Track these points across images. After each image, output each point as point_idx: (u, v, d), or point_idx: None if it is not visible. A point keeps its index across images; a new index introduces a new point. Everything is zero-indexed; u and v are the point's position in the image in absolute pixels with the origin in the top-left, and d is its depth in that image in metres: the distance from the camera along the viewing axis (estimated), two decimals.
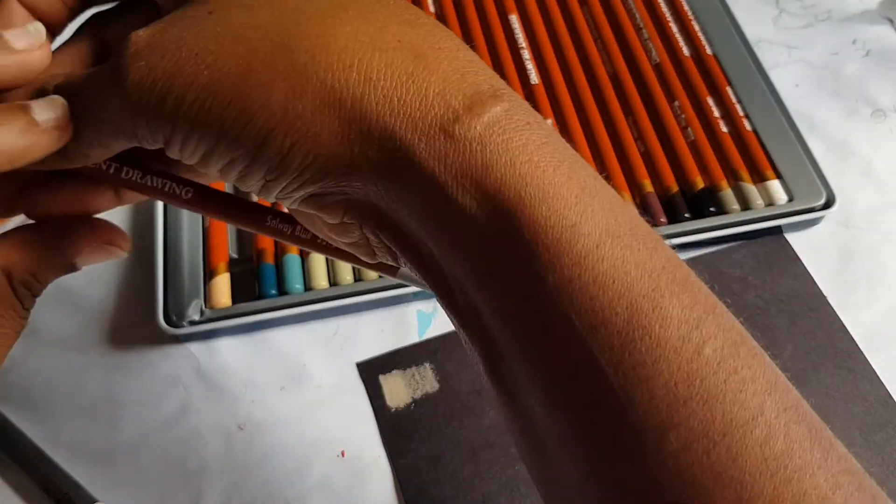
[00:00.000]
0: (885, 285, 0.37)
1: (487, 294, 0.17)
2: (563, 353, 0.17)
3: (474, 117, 0.17)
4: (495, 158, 0.17)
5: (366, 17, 0.18)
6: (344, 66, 0.17)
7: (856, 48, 0.45)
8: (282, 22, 0.18)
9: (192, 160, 0.19)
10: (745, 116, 0.40)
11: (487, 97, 0.17)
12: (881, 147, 0.41)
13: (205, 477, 0.32)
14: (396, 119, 0.17)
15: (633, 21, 0.44)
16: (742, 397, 0.16)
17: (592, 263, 0.16)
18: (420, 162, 0.17)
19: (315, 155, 0.18)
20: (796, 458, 0.15)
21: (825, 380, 0.34)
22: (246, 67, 0.17)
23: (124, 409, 0.34)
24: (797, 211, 0.37)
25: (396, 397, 0.34)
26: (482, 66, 0.19)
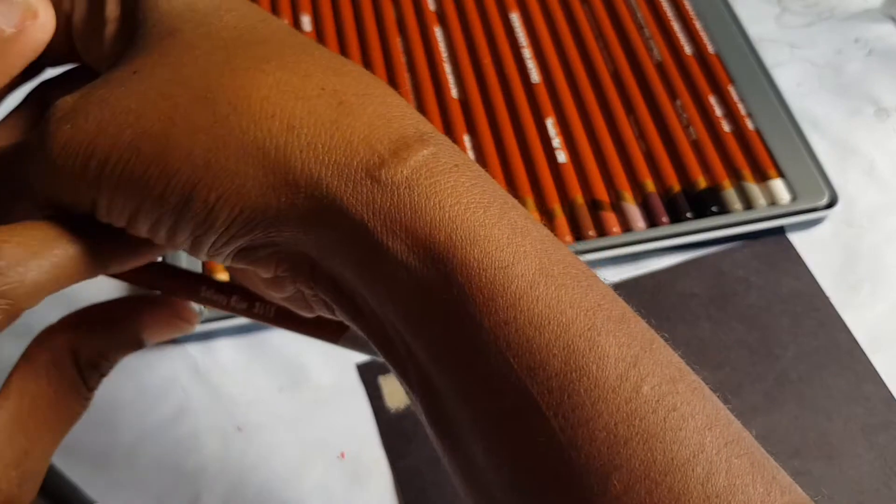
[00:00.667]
0: (889, 285, 0.37)
1: (424, 340, 0.17)
2: (502, 397, 0.16)
3: (400, 161, 0.17)
4: (423, 202, 0.17)
5: (289, 67, 0.18)
6: (266, 115, 0.17)
7: (859, 47, 0.45)
8: (205, 76, 0.18)
9: (120, 223, 0.18)
10: (748, 115, 0.40)
11: (413, 141, 0.17)
12: (884, 146, 0.41)
13: (203, 478, 0.32)
14: (321, 166, 0.17)
15: (635, 19, 0.44)
16: (682, 435, 0.15)
17: (527, 304, 0.16)
18: (348, 208, 0.17)
19: (241, 207, 0.17)
20: (739, 495, 0.15)
21: (827, 380, 0.34)
22: (168, 123, 0.17)
23: (122, 410, 0.34)
24: (800, 210, 0.37)
25: (396, 398, 0.34)
26: (409, 111, 0.18)
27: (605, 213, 0.37)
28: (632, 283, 0.37)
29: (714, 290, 0.36)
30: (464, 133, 0.40)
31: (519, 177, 0.38)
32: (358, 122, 0.17)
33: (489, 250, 0.16)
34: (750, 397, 0.34)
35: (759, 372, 0.34)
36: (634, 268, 0.37)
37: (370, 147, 0.17)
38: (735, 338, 0.35)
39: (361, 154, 0.17)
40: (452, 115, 0.40)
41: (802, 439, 0.32)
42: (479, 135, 0.39)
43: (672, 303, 0.36)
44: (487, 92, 0.41)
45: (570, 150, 0.39)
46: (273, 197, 0.17)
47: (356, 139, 0.17)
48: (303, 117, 0.17)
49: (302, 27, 0.44)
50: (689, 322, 0.36)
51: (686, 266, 0.37)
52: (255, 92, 0.17)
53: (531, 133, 0.39)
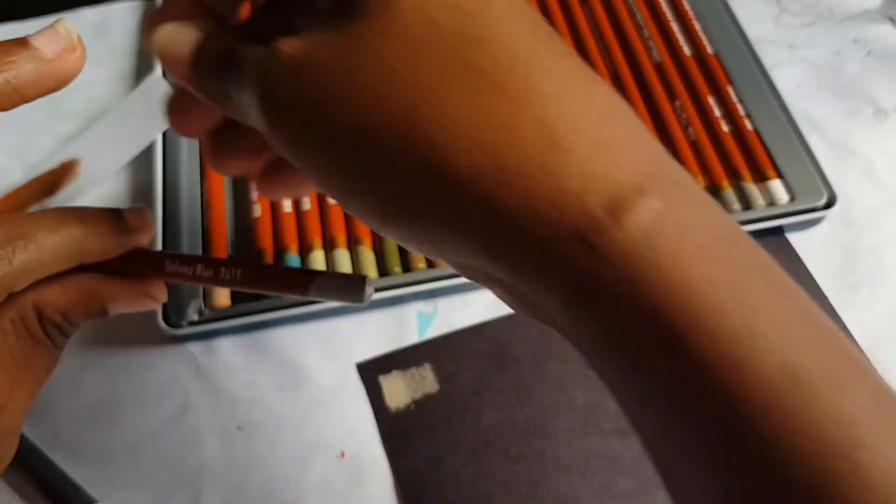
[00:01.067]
0: (887, 285, 0.37)
1: (664, 428, 0.15)
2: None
3: (617, 225, 0.15)
4: (648, 275, 0.14)
5: (502, 91, 0.16)
6: (469, 148, 0.16)
7: (857, 48, 0.45)
8: (406, 89, 0.16)
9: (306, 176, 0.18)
10: (747, 116, 0.40)
11: (632, 192, 0.15)
12: (883, 147, 0.41)
13: (204, 477, 0.32)
14: (531, 220, 0.15)
15: (634, 20, 0.44)
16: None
17: (813, 417, 0.14)
18: (560, 271, 0.15)
19: (446, 255, 0.17)
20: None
21: None
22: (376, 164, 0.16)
23: (123, 409, 0.34)
24: (798, 211, 0.37)
25: (396, 398, 0.34)
26: (632, 135, 0.16)
27: None
28: None
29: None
30: None
31: None
32: (568, 167, 0.15)
33: (755, 347, 0.14)
34: None
35: None
36: None
37: (583, 207, 0.15)
38: None
39: (573, 215, 0.15)
40: None
41: None
42: None
43: None
44: None
45: None
46: (480, 247, 0.16)
47: (567, 191, 0.15)
48: (509, 156, 0.15)
49: None
50: None
51: None
52: (458, 117, 0.16)
53: None
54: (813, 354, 0.15)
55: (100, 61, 0.46)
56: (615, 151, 0.16)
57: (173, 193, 0.38)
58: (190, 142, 0.40)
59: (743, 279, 0.15)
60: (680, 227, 0.15)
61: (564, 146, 0.15)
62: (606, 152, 0.16)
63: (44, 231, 0.20)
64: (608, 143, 0.16)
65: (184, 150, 0.39)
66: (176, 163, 0.39)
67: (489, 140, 0.16)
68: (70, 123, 0.43)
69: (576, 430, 0.33)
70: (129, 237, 0.22)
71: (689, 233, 0.15)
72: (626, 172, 0.15)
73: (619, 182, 0.15)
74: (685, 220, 0.15)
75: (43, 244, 0.20)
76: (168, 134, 0.40)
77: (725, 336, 0.14)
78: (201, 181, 0.39)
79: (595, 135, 0.16)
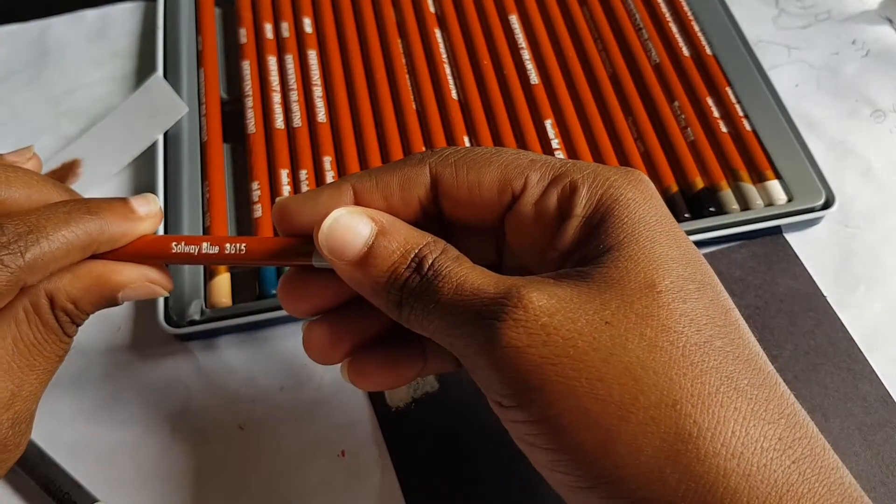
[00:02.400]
0: (885, 284, 0.37)
1: None
2: None
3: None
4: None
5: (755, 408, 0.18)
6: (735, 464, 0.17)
7: (855, 48, 0.45)
8: (675, 378, 0.17)
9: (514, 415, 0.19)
10: (745, 117, 0.40)
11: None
12: (881, 147, 0.41)
13: (205, 476, 0.32)
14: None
15: (633, 21, 0.45)
16: None
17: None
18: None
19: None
20: None
21: (824, 380, 0.34)
22: (627, 409, 0.17)
23: (125, 408, 0.34)
24: (797, 211, 0.37)
25: (396, 397, 0.34)
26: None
27: None
28: None
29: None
30: (463, 134, 0.40)
31: None
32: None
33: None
34: None
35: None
36: None
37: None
38: None
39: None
40: (452, 116, 0.40)
41: None
42: (478, 136, 0.40)
43: None
44: (487, 93, 0.41)
45: (568, 150, 0.39)
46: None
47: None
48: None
49: (303, 29, 0.44)
50: None
51: None
52: (726, 424, 0.17)
53: (530, 134, 0.40)
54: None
55: (101, 62, 0.46)
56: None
57: (174, 194, 0.38)
58: (191, 143, 0.40)
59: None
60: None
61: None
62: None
63: (53, 224, 0.20)
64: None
65: (185, 151, 0.39)
66: (177, 164, 0.39)
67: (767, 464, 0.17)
68: (72, 124, 0.43)
69: None
70: (137, 225, 0.22)
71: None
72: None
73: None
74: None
75: (54, 238, 0.20)
76: (169, 135, 0.40)
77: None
78: (202, 182, 0.39)
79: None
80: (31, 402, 0.22)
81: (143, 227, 0.22)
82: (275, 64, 0.43)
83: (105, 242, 0.21)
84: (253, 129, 0.40)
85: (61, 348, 0.22)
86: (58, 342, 0.22)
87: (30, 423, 0.22)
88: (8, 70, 0.46)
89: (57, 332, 0.22)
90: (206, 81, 0.42)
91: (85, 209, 0.21)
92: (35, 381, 0.21)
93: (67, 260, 0.21)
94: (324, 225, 0.20)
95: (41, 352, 0.21)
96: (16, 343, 0.21)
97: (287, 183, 0.38)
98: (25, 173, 0.22)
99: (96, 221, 0.21)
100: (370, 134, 0.40)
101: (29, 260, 0.20)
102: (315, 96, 0.41)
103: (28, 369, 0.21)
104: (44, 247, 0.20)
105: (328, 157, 0.39)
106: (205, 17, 0.45)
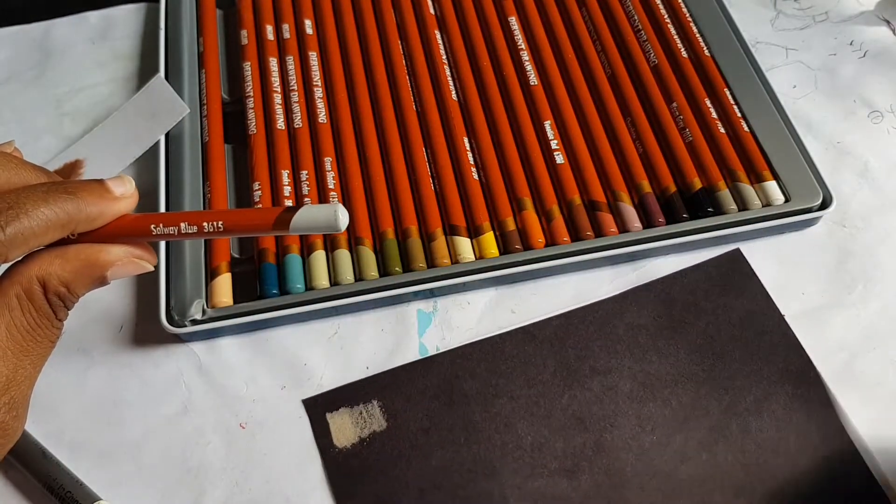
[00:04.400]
0: (882, 284, 0.37)
1: None
2: None
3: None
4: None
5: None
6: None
7: (853, 49, 0.45)
8: None
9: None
10: (743, 117, 0.40)
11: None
12: (878, 148, 0.42)
13: (206, 475, 0.33)
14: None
15: (632, 23, 0.45)
16: None
17: None
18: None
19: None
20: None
21: (777, 411, 0.33)
22: None
23: (127, 407, 0.34)
24: (794, 211, 0.37)
25: (343, 436, 0.33)
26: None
27: (602, 213, 0.37)
28: (582, 311, 0.36)
29: (662, 320, 0.36)
30: (463, 135, 0.40)
31: (518, 178, 0.38)
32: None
33: None
34: (695, 433, 0.33)
35: (706, 406, 0.34)
36: (631, 268, 0.38)
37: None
38: (683, 370, 0.34)
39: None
40: (452, 117, 0.41)
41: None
42: (478, 136, 0.40)
43: (619, 335, 0.35)
44: (486, 94, 0.42)
45: (567, 151, 0.39)
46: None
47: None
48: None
49: (304, 31, 0.45)
50: (636, 357, 0.35)
51: (634, 293, 0.36)
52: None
53: (529, 135, 0.40)
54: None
55: (103, 64, 0.46)
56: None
57: (176, 194, 0.38)
58: (192, 144, 0.40)
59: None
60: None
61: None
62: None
63: (33, 202, 0.21)
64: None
65: (187, 152, 0.40)
66: (179, 164, 0.39)
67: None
68: (74, 125, 0.44)
69: (522, 470, 0.32)
70: (113, 205, 0.23)
71: None
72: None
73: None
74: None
75: (34, 214, 0.21)
76: (171, 135, 0.40)
77: None
78: (203, 182, 0.39)
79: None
80: (27, 386, 0.22)
81: (120, 207, 0.23)
82: (276, 65, 0.43)
83: (83, 221, 0.22)
84: (254, 129, 0.40)
85: (54, 333, 0.23)
86: (50, 327, 0.22)
87: (25, 407, 0.23)
88: (11, 71, 0.46)
89: (49, 316, 0.22)
90: (208, 82, 0.42)
91: (62, 189, 0.22)
92: (29, 365, 0.22)
93: (47, 237, 0.21)
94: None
95: (34, 337, 0.22)
96: (9, 329, 0.21)
97: (288, 183, 0.38)
98: (4, 156, 0.22)
99: (74, 201, 0.22)
100: (370, 134, 0.40)
101: (10, 234, 0.20)
102: (316, 97, 0.42)
103: (22, 354, 0.22)
104: (24, 223, 0.20)
105: (329, 157, 0.39)
106: (206, 19, 0.45)
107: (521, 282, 0.37)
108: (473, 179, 0.38)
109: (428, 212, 0.37)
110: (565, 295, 0.37)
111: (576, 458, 0.32)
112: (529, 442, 0.33)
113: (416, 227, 0.37)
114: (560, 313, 0.36)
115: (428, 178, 0.39)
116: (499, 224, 0.37)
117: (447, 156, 0.39)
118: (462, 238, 0.36)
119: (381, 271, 0.36)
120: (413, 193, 0.38)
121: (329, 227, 0.22)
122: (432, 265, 0.36)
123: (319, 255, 0.36)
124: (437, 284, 0.36)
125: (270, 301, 0.35)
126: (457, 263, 0.36)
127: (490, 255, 0.36)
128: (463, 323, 0.36)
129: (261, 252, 0.36)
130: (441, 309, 0.37)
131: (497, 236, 0.37)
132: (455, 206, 0.37)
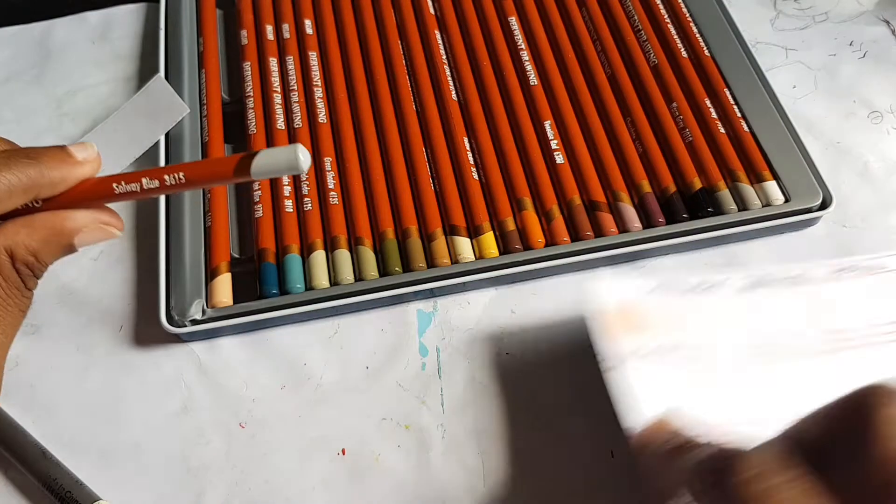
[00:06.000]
0: None
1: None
2: None
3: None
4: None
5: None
6: None
7: (853, 50, 0.45)
8: None
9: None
10: (743, 118, 0.40)
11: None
12: (877, 147, 0.42)
13: (206, 475, 0.33)
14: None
15: (632, 23, 0.45)
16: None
17: None
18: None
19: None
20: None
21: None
22: None
23: (126, 407, 0.34)
24: (794, 211, 0.37)
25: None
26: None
27: (602, 213, 0.37)
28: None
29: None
30: (463, 135, 0.40)
31: (517, 178, 0.38)
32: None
33: None
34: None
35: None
36: (631, 268, 0.38)
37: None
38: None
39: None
40: (452, 117, 0.41)
41: None
42: (478, 137, 0.40)
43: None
44: (486, 94, 0.42)
45: (567, 151, 0.39)
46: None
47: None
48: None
49: (304, 31, 0.45)
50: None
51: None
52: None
53: (529, 135, 0.40)
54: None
55: (103, 64, 0.46)
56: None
57: (176, 194, 0.38)
58: (192, 144, 0.40)
59: None
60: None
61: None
62: None
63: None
64: None
65: (187, 153, 0.40)
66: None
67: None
68: (74, 125, 0.44)
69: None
70: (75, 169, 0.23)
71: None
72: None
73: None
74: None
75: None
76: (171, 135, 0.40)
77: None
78: None
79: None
80: (0, 355, 0.23)
81: (82, 171, 0.23)
82: (276, 65, 0.43)
83: (46, 186, 0.22)
84: (254, 129, 0.40)
85: (24, 303, 0.23)
86: (20, 297, 0.23)
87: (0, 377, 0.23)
88: (10, 71, 0.46)
89: (19, 286, 0.22)
90: (208, 82, 0.42)
91: (24, 154, 0.22)
92: (1, 334, 0.22)
93: (10, 202, 0.21)
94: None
95: (5, 307, 0.22)
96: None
97: (288, 183, 0.38)
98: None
99: (36, 166, 0.22)
100: (370, 134, 0.40)
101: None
102: (316, 97, 0.42)
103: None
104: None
105: (329, 157, 0.39)
106: (206, 19, 0.45)
107: (521, 282, 0.37)
108: (473, 179, 0.38)
109: (428, 212, 0.37)
110: (565, 295, 0.37)
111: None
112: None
113: (416, 227, 0.37)
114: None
115: (428, 178, 0.39)
116: (499, 224, 0.37)
117: (447, 156, 0.39)
118: (462, 238, 0.37)
119: (381, 271, 0.36)
120: (413, 193, 0.38)
121: (291, 168, 0.21)
122: (432, 265, 0.36)
123: (319, 255, 0.36)
124: (437, 284, 0.36)
125: (270, 301, 0.35)
126: (457, 263, 0.36)
127: (490, 255, 0.36)
128: (463, 323, 0.36)
129: (261, 252, 0.36)
130: (441, 309, 0.37)
131: (497, 236, 0.37)
132: (455, 206, 0.37)
